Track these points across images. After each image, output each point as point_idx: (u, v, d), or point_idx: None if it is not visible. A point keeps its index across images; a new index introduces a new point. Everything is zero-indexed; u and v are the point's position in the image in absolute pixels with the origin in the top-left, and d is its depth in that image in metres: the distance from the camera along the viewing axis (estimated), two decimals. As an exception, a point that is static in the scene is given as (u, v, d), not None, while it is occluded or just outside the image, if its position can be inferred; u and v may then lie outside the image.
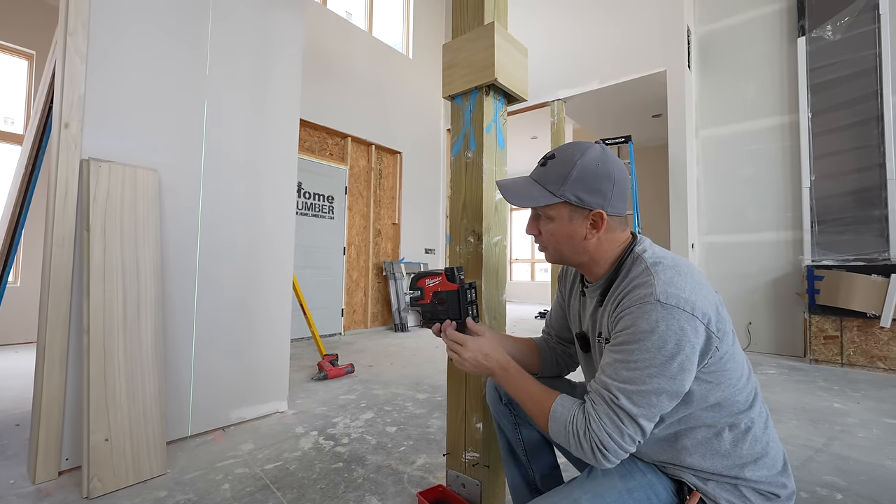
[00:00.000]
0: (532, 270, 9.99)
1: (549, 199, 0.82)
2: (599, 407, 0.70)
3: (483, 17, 1.27)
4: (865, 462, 1.65)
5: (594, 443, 0.69)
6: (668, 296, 0.68)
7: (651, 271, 0.73)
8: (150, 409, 1.53)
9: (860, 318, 3.17)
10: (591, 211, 0.81)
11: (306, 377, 2.86)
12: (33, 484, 1.41)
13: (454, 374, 1.30)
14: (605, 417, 0.69)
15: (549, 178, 0.83)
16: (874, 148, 3.27)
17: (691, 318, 0.67)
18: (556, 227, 0.84)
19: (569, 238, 0.83)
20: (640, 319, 0.68)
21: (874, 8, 3.31)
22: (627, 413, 0.68)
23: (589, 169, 0.80)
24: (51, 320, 1.45)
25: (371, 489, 1.42)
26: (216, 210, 1.93)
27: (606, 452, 0.68)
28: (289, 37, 2.26)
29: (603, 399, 0.70)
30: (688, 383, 0.69)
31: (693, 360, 0.68)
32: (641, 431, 0.69)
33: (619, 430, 0.68)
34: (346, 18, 5.03)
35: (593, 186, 0.80)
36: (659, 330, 0.67)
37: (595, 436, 0.68)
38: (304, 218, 4.46)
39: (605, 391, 0.70)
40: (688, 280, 0.71)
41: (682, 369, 0.67)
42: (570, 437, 0.71)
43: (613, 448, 0.68)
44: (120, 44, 1.65)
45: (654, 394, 0.67)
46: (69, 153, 1.50)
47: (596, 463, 0.70)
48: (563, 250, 0.85)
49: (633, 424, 0.68)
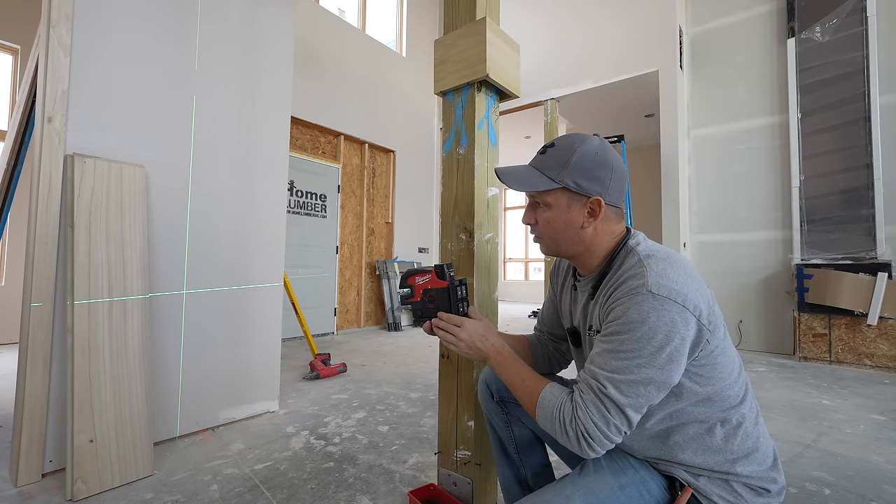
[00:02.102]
0: (526, 270, 10.01)
1: (548, 185, 0.82)
2: (587, 396, 0.69)
3: (475, 13, 1.26)
4: (853, 458, 1.67)
5: (580, 431, 0.68)
6: (659, 287, 0.68)
7: (644, 263, 0.73)
8: (136, 410, 1.50)
9: (848, 316, 3.22)
10: (588, 198, 0.81)
11: (298, 377, 2.84)
12: (15, 487, 1.38)
13: (446, 373, 1.29)
14: (592, 406, 0.68)
15: (548, 164, 0.83)
16: (862, 148, 3.31)
17: (682, 309, 0.67)
18: (554, 215, 0.83)
19: (566, 226, 0.83)
20: (631, 310, 0.68)
21: (862, 10, 3.35)
22: (615, 402, 0.67)
23: (588, 156, 0.80)
24: (34, 319, 1.41)
25: (362, 489, 1.40)
26: (205, 207, 1.90)
27: (591, 441, 0.68)
28: (279, 30, 2.24)
29: (591, 388, 0.69)
30: (677, 375, 0.69)
31: (683, 352, 0.68)
32: (628, 422, 0.68)
33: (605, 419, 0.67)
34: (338, 16, 5.00)
35: (592, 174, 0.80)
36: (649, 320, 0.67)
37: (581, 424, 0.68)
38: (296, 216, 4.43)
39: (593, 380, 0.70)
40: (680, 272, 0.71)
41: (671, 360, 0.67)
42: (556, 424, 0.71)
43: (598, 437, 0.67)
44: (105, 37, 1.62)
45: (643, 384, 0.67)
46: (53, 148, 1.47)
47: (581, 452, 0.69)
48: (559, 239, 0.85)
49: (620, 414, 0.67)
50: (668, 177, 4.03)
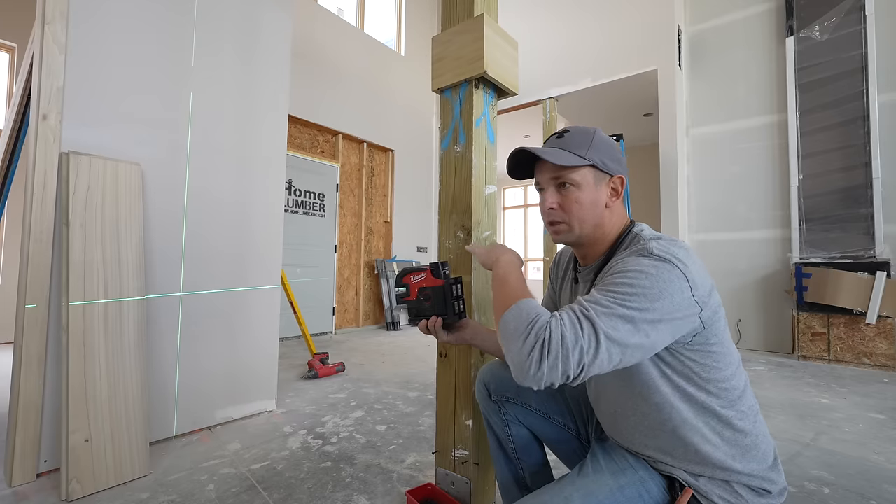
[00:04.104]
0: (525, 269, 10.01)
1: (579, 161, 0.82)
2: (565, 314, 0.64)
3: (473, 10, 1.25)
4: (852, 456, 1.66)
5: (543, 338, 0.61)
6: (663, 251, 0.69)
7: (648, 243, 0.73)
8: (132, 409, 1.49)
9: (847, 315, 3.22)
10: (612, 177, 0.84)
11: (296, 376, 2.83)
12: (10, 487, 1.37)
13: (444, 372, 1.28)
14: (567, 321, 0.62)
15: (572, 144, 0.84)
16: (860, 147, 3.31)
17: (682, 276, 0.67)
18: (583, 194, 0.82)
19: (593, 205, 0.83)
20: (632, 265, 0.69)
21: (860, 9, 3.35)
22: (591, 322, 0.61)
23: (605, 140, 0.85)
24: (28, 318, 1.40)
25: (359, 488, 1.39)
26: (202, 204, 1.89)
27: (546, 353, 0.59)
28: (277, 28, 2.23)
29: (571, 309, 0.65)
30: (658, 338, 0.65)
31: (672, 316, 0.65)
32: (595, 348, 0.60)
33: (574, 333, 0.61)
34: (336, 14, 4.98)
35: (613, 154, 0.84)
36: (648, 272, 0.66)
37: (549, 332, 0.61)
38: (294, 215, 4.41)
39: (575, 305, 0.66)
40: (683, 251, 0.71)
41: (659, 318, 0.64)
42: (521, 325, 0.64)
43: (556, 351, 0.59)
44: (101, 34, 1.61)
45: (624, 319, 0.63)
46: (47, 146, 1.45)
47: (523, 362, 0.61)
48: (586, 218, 0.83)
49: (592, 336, 0.61)
50: (666, 176, 4.03)
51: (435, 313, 0.99)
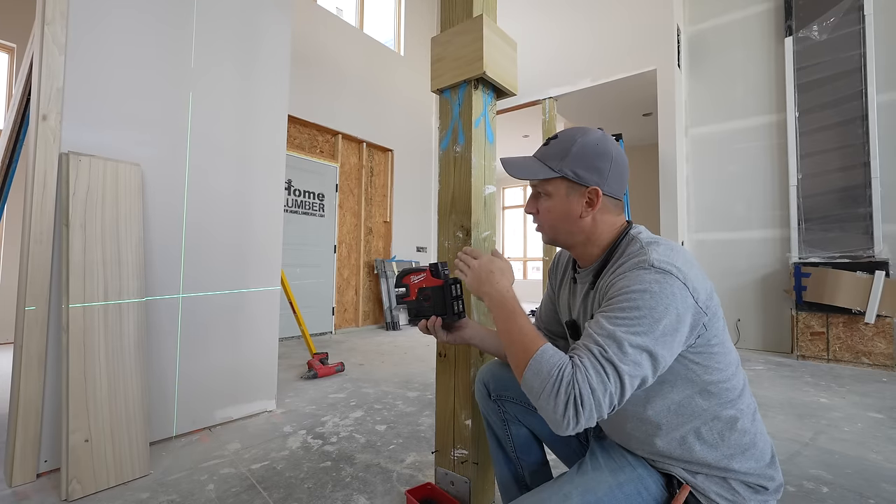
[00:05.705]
0: (524, 269, 10.01)
1: (548, 174, 0.84)
2: (586, 360, 0.65)
3: (472, 10, 1.25)
4: (850, 456, 1.67)
5: (573, 395, 0.62)
6: (662, 262, 0.70)
7: (646, 248, 0.74)
8: (132, 409, 1.49)
9: (846, 315, 3.22)
10: (587, 188, 0.82)
11: (296, 376, 2.83)
12: (10, 487, 1.37)
13: (443, 371, 1.29)
14: (592, 370, 0.64)
15: (549, 155, 0.86)
16: (859, 147, 3.31)
17: (683, 286, 0.68)
18: (554, 204, 0.85)
19: (565, 215, 0.84)
20: (633, 282, 0.69)
21: (859, 9, 3.35)
22: (614, 367, 0.64)
23: (588, 147, 0.83)
24: (28, 318, 1.41)
25: (359, 488, 1.40)
26: (202, 205, 1.89)
27: (581, 408, 0.62)
28: (276, 28, 2.23)
29: (590, 352, 0.65)
30: (669, 353, 0.67)
31: (679, 329, 0.67)
32: (621, 391, 0.64)
33: (603, 384, 0.63)
34: (336, 14, 4.98)
35: (591, 164, 0.82)
36: (651, 290, 0.67)
37: (578, 388, 0.62)
38: (294, 215, 4.41)
39: (593, 345, 0.66)
40: (681, 257, 0.72)
41: (667, 333, 0.66)
42: (548, 383, 0.64)
43: (590, 405, 0.62)
44: (101, 34, 1.61)
45: (641, 351, 0.65)
46: (47, 146, 1.46)
47: (562, 421, 0.63)
48: (558, 227, 0.86)
49: (618, 382, 0.63)
50: (666, 175, 4.03)
51: (434, 313, 0.99)
